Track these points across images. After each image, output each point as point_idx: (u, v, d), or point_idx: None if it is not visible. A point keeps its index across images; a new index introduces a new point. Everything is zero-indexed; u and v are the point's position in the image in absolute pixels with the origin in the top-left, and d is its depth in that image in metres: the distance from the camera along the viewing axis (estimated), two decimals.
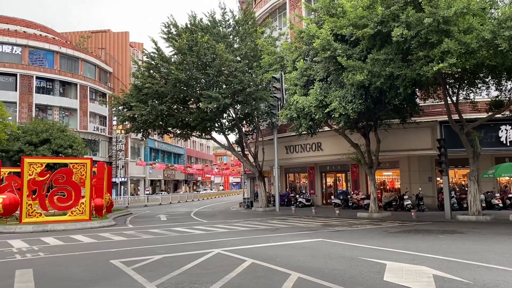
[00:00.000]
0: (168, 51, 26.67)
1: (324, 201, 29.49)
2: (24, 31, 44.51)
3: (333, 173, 29.97)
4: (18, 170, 21.17)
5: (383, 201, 23.42)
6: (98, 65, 51.05)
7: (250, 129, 31.47)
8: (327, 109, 15.91)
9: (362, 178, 26.69)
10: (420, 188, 22.83)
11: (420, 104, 19.75)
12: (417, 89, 18.45)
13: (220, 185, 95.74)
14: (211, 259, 9.34)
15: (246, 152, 29.94)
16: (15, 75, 41.90)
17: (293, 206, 26.55)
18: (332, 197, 27.41)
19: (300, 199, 28.43)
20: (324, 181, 30.25)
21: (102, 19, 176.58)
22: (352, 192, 26.48)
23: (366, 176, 24.89)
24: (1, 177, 21.46)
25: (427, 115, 21.12)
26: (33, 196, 18.78)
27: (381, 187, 26.06)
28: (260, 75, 23.03)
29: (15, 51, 42.73)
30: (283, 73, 20.84)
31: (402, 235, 13.19)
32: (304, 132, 18.75)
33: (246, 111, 26.19)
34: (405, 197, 22.70)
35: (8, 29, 43.57)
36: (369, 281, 6.98)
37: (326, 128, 21.87)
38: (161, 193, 54.28)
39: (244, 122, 29.95)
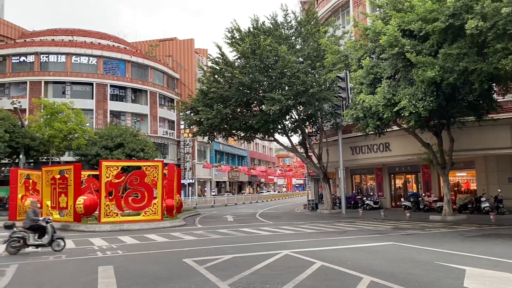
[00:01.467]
0: (231, 55, 27.14)
1: (393, 204, 28.47)
2: (98, 43, 47.70)
3: (402, 174, 28.86)
4: (96, 172, 22.65)
5: (458, 204, 22.15)
6: (166, 72, 53.41)
7: (314, 130, 31.19)
8: (396, 107, 15.34)
9: (434, 179, 25.41)
10: (499, 190, 21.27)
11: (497, 100, 18.43)
12: (494, 84, 17.24)
13: (283, 186, 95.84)
14: (280, 260, 9.38)
15: (309, 154, 29.69)
16: (91, 84, 45.10)
17: (360, 208, 25.93)
18: (402, 199, 26.36)
19: (367, 202, 27.66)
20: (392, 183, 29.20)
21: (168, 27, 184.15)
22: (423, 194, 25.30)
23: (438, 177, 23.68)
24: (81, 180, 23.05)
25: (506, 111, 19.61)
26: (110, 197, 19.93)
27: (455, 188, 24.62)
28: (323, 75, 22.72)
29: (91, 62, 45.92)
30: (347, 72, 20.44)
31: (480, 240, 12.41)
32: (371, 132, 18.23)
33: (309, 112, 25.99)
34: (483, 199, 21.26)
35: (85, 41, 46.93)
36: (447, 287, 6.64)
37: (395, 128, 21.09)
38: (226, 194, 55.47)
39: (307, 123, 29.74)
